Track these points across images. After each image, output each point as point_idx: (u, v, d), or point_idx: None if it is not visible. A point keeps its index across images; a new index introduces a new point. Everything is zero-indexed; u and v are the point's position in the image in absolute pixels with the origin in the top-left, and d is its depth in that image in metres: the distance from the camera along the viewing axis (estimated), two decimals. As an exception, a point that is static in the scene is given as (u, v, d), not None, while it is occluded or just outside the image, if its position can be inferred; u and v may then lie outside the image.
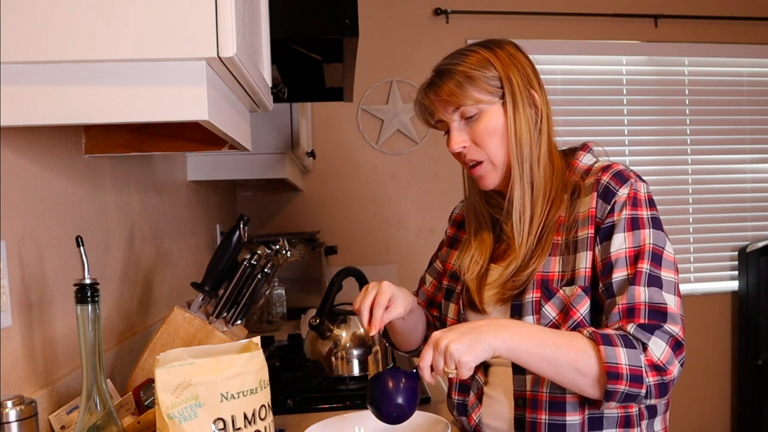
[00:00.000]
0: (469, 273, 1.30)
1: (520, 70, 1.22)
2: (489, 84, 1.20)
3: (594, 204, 1.16)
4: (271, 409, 0.92)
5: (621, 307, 1.09)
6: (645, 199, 1.15)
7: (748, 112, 3.64)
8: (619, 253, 1.12)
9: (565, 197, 1.21)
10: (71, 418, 1.05)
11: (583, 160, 1.25)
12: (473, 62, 1.21)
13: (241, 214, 1.42)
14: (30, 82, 0.84)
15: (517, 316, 1.19)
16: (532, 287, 1.18)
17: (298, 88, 1.98)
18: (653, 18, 3.49)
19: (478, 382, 1.28)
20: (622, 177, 1.16)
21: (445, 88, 1.20)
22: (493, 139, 1.21)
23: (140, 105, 0.86)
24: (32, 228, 1.08)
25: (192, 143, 1.28)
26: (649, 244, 1.11)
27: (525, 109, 1.20)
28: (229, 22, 0.83)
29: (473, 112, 1.20)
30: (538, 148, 1.21)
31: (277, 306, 2.57)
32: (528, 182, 1.21)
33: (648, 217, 1.14)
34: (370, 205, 3.37)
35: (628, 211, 1.13)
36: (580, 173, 1.22)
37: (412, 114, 3.34)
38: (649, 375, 1.03)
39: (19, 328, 1.02)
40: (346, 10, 1.35)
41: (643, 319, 1.07)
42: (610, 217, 1.14)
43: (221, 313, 1.38)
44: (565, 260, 1.17)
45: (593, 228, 1.15)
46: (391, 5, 3.33)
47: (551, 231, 1.19)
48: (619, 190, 1.14)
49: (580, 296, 1.14)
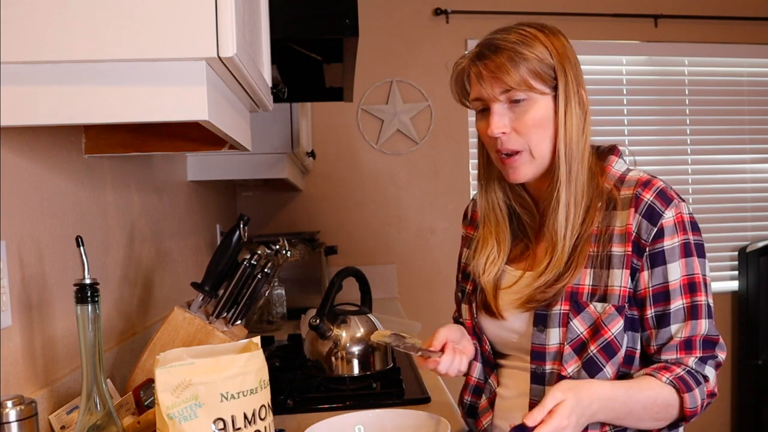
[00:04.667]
0: (486, 275, 1.23)
1: (573, 63, 1.14)
2: (543, 71, 1.12)
3: (631, 220, 1.11)
4: (271, 409, 0.92)
5: (680, 340, 1.10)
6: (689, 222, 1.12)
7: (748, 112, 3.64)
8: (675, 283, 1.10)
9: (599, 205, 1.15)
10: (71, 418, 1.05)
11: (616, 166, 1.19)
12: (529, 43, 1.12)
13: (241, 214, 1.42)
14: (30, 82, 0.84)
15: (541, 326, 1.16)
16: (561, 299, 1.14)
17: (298, 88, 1.98)
18: (653, 18, 3.49)
19: (491, 386, 1.26)
20: (666, 197, 1.12)
21: (496, 60, 1.11)
22: (538, 131, 1.13)
23: (140, 105, 0.86)
24: (32, 228, 1.08)
25: (192, 143, 1.28)
26: (701, 275, 1.12)
27: (575, 107, 1.13)
28: (229, 22, 0.83)
29: (522, 97, 1.11)
30: (581, 151, 1.15)
31: (277, 306, 2.57)
32: (575, 184, 1.14)
33: (694, 242, 1.12)
34: (370, 205, 3.37)
35: (680, 237, 1.11)
36: (612, 180, 1.17)
37: (412, 114, 3.34)
38: (705, 401, 1.10)
39: (19, 328, 1.02)
40: (346, 10, 1.35)
41: (699, 351, 1.10)
42: (659, 243, 1.10)
43: (221, 313, 1.38)
44: (597, 274, 1.13)
45: (630, 246, 1.11)
46: (391, 5, 3.33)
47: (586, 242, 1.14)
48: (665, 213, 1.10)
49: (613, 315, 1.11)
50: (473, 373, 1.29)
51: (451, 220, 3.39)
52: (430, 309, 3.33)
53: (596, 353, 1.12)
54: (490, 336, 1.27)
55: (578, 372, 1.13)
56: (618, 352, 1.12)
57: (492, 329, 1.25)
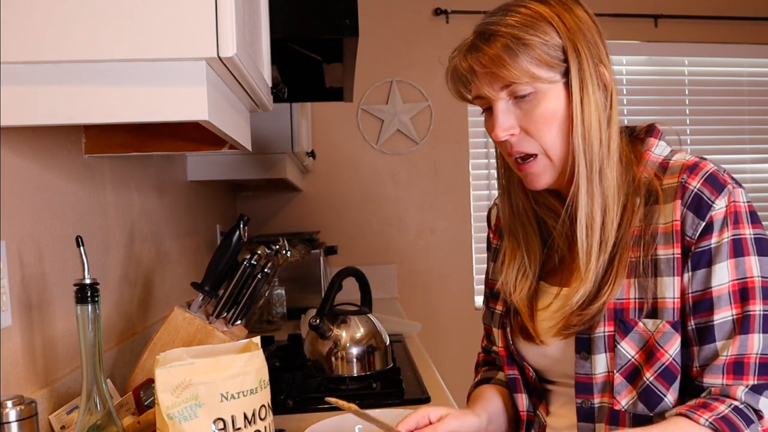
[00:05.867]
0: (518, 292, 1.05)
1: (588, 38, 0.95)
2: (549, 55, 0.93)
3: (679, 215, 0.93)
4: (271, 409, 0.92)
5: (728, 359, 0.91)
6: (746, 212, 0.93)
7: (748, 112, 3.64)
8: (721, 288, 0.91)
9: (638, 201, 0.96)
10: (71, 418, 1.05)
11: (656, 150, 1.01)
12: (529, 23, 0.93)
13: (241, 214, 1.42)
14: (30, 82, 0.83)
15: (584, 353, 0.98)
16: (604, 318, 0.96)
17: (298, 88, 1.98)
18: (653, 18, 3.49)
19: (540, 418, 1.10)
20: (717, 183, 0.93)
21: (489, 52, 0.93)
22: (551, 128, 0.95)
23: (140, 105, 0.86)
24: (32, 228, 1.08)
25: (192, 143, 1.28)
26: (757, 277, 0.91)
27: (594, 91, 0.94)
28: (229, 22, 0.83)
29: (527, 90, 0.94)
30: (607, 141, 0.95)
31: (277, 306, 2.57)
32: (597, 185, 0.95)
33: (751, 237, 0.92)
34: (370, 205, 3.37)
35: (729, 231, 0.92)
36: (653, 168, 0.98)
37: (412, 114, 3.34)
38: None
39: (19, 328, 1.02)
40: (346, 10, 1.35)
41: (753, 377, 0.90)
42: (707, 239, 0.92)
43: (221, 313, 1.38)
44: (642, 284, 0.95)
45: (680, 247, 0.93)
46: (391, 5, 3.33)
47: (625, 248, 0.95)
48: (716, 202, 0.92)
49: (669, 333, 0.93)
50: (522, 407, 1.11)
51: (451, 220, 3.39)
52: (430, 309, 3.34)
53: (653, 381, 0.94)
54: (531, 362, 1.09)
55: (634, 404, 0.96)
56: (678, 375, 0.94)
57: (532, 355, 1.08)
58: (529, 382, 1.11)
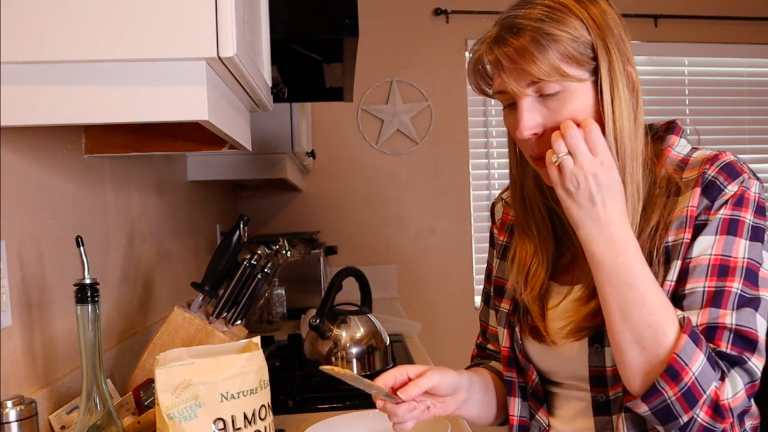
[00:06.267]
0: (529, 290, 1.02)
1: (616, 35, 0.92)
2: (579, 52, 0.89)
3: (696, 202, 0.91)
4: (271, 409, 0.92)
5: (699, 328, 0.87)
6: (753, 201, 0.91)
7: (748, 112, 3.64)
8: (702, 258, 0.89)
9: (658, 203, 0.94)
10: (71, 418, 1.05)
11: (677, 148, 0.98)
12: (559, 17, 0.89)
13: (241, 214, 1.42)
14: (30, 82, 0.83)
15: (597, 345, 0.96)
16: None
17: (298, 88, 1.98)
18: (653, 18, 3.49)
19: (540, 422, 1.05)
20: (733, 171, 0.92)
21: (516, 45, 0.89)
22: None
23: (140, 105, 0.86)
24: (32, 228, 1.08)
25: (192, 143, 1.28)
26: (743, 258, 0.88)
27: (624, 90, 0.91)
28: (229, 22, 0.83)
29: (555, 89, 0.90)
30: (635, 141, 0.93)
31: (277, 306, 2.57)
32: (631, 187, 0.92)
33: (750, 223, 0.90)
34: (370, 205, 3.37)
35: (729, 210, 0.90)
36: (673, 165, 0.96)
37: (412, 114, 3.34)
38: (703, 408, 0.84)
39: (19, 328, 1.02)
40: (346, 10, 1.35)
41: (726, 344, 0.86)
42: (705, 214, 0.91)
43: (221, 313, 1.38)
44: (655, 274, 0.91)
45: (691, 232, 0.91)
46: (391, 5, 3.33)
47: (645, 243, 0.93)
48: (728, 187, 0.90)
49: None
50: (513, 411, 1.08)
51: (451, 220, 3.39)
52: (430, 309, 3.34)
53: None
54: (538, 364, 1.06)
55: None
56: None
57: (540, 356, 1.05)
58: (527, 386, 1.08)
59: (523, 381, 1.09)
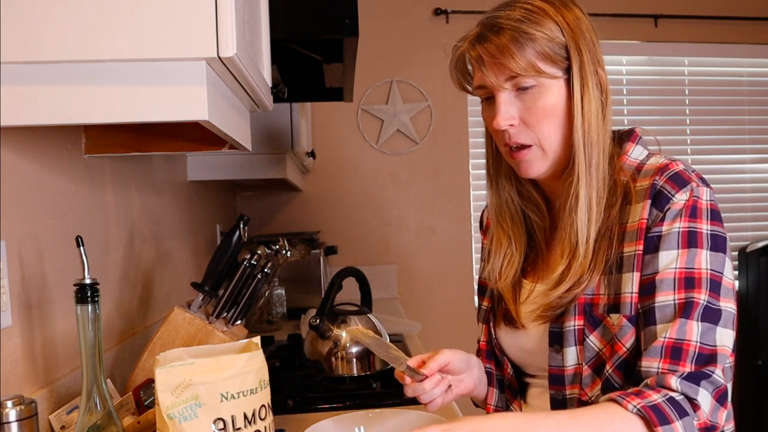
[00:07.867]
0: (503, 279, 1.10)
1: (588, 39, 1.00)
2: (554, 52, 0.98)
3: (646, 214, 0.96)
4: (271, 409, 0.92)
5: (667, 342, 0.90)
6: (706, 209, 0.95)
7: (748, 112, 3.64)
8: (667, 272, 0.93)
9: (614, 200, 1.00)
10: (71, 418, 1.05)
11: (633, 154, 1.04)
12: (536, 19, 0.98)
13: (241, 214, 1.42)
14: (30, 82, 0.83)
15: (557, 345, 1.02)
16: (574, 312, 1.00)
17: (298, 88, 1.98)
18: (653, 18, 3.49)
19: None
20: (681, 180, 0.96)
21: (497, 42, 0.97)
22: (550, 121, 0.99)
23: (140, 105, 0.86)
24: (32, 228, 1.08)
25: (192, 143, 1.28)
26: (706, 269, 0.92)
27: (593, 89, 0.99)
28: (229, 22, 0.83)
29: (530, 83, 0.98)
30: (603, 137, 1.00)
31: (277, 306, 2.57)
32: (596, 177, 0.99)
33: (707, 232, 0.94)
34: (370, 205, 3.37)
35: (685, 222, 0.93)
36: (629, 172, 1.01)
37: (412, 114, 3.34)
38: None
39: (19, 328, 1.02)
40: (346, 10, 1.35)
41: (690, 364, 0.89)
42: (658, 226, 0.94)
43: (221, 313, 1.38)
44: (609, 280, 0.98)
45: (642, 244, 0.96)
46: (391, 5, 3.33)
47: (603, 241, 0.99)
48: (676, 196, 0.94)
49: (626, 327, 0.95)
50: (490, 401, 1.17)
51: (451, 220, 3.39)
52: (430, 309, 3.34)
53: (611, 373, 0.97)
54: (510, 353, 1.14)
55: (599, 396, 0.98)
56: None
57: (512, 344, 1.13)
58: (504, 378, 1.15)
59: (500, 374, 1.17)
